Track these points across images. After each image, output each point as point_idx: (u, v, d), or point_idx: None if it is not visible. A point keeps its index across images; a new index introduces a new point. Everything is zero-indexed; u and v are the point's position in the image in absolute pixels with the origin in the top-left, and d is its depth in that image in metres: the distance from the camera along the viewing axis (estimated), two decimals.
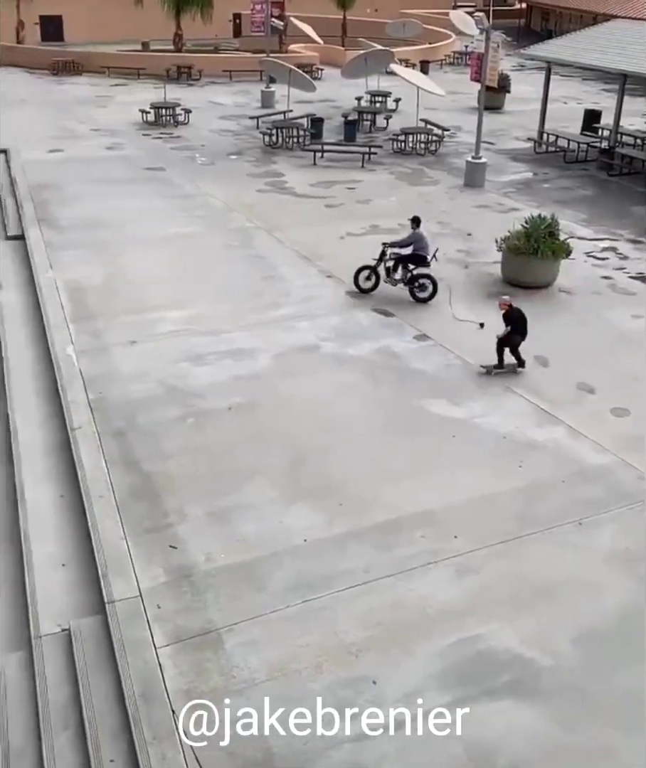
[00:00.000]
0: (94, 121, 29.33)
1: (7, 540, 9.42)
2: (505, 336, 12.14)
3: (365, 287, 15.25)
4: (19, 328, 14.21)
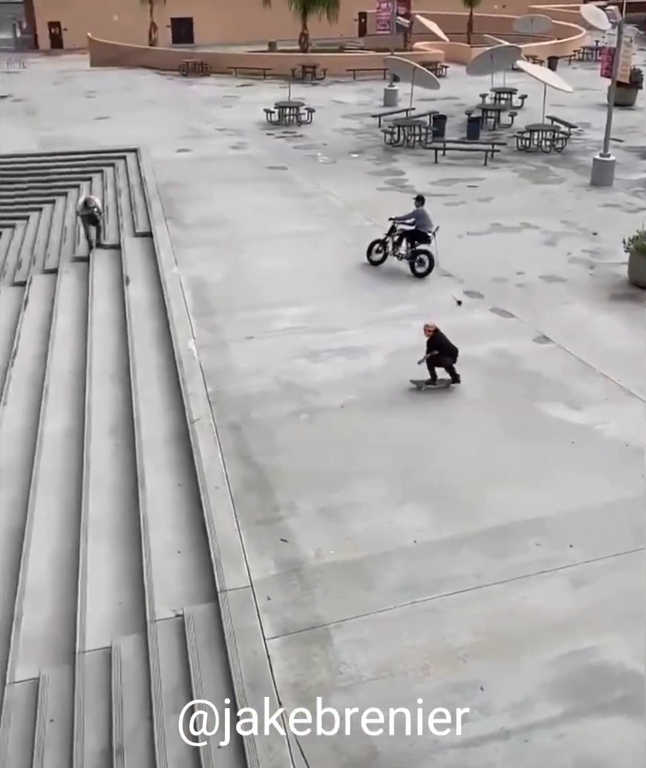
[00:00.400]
0: (220, 121, 30.02)
1: (127, 526, 9.77)
2: (434, 358, 11.94)
3: (375, 259, 16.42)
4: (145, 322, 14.71)
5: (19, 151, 24.68)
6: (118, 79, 38.86)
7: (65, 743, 7.20)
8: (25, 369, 13.97)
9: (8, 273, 18.47)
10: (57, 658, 8.16)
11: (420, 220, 15.94)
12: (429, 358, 11.97)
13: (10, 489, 10.91)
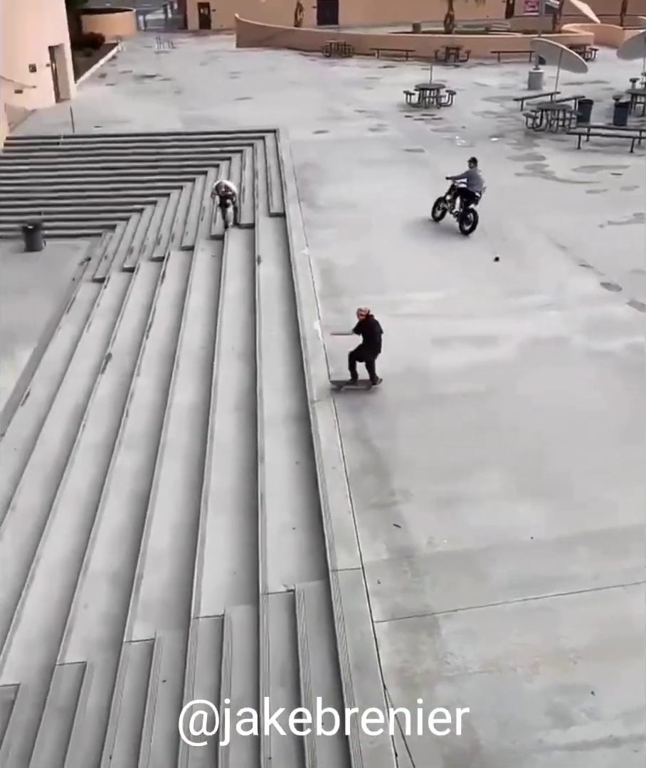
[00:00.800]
0: (359, 102, 29.93)
1: (245, 499, 10.00)
2: (356, 351, 11.40)
3: (436, 216, 17.90)
4: (273, 301, 14.92)
5: (164, 130, 25.40)
6: (262, 59, 39.33)
7: (175, 703, 7.47)
8: (159, 342, 14.45)
9: (148, 248, 19.10)
10: (172, 621, 8.46)
11: (471, 180, 16.99)
12: (352, 352, 11.46)
13: (138, 456, 11.35)
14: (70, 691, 7.82)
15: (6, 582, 9.38)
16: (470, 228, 17.04)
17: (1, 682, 8.03)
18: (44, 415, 12.84)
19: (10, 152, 23.95)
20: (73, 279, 18.64)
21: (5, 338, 15.76)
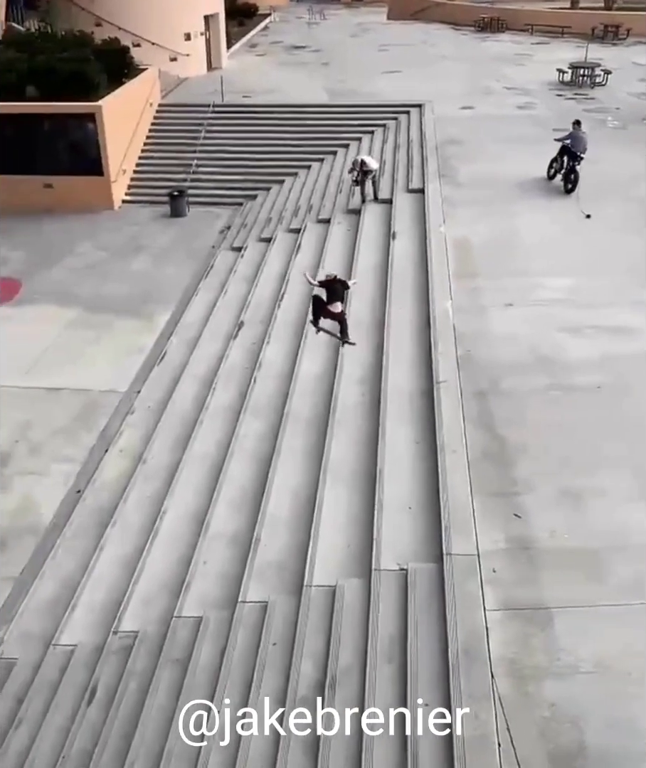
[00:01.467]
0: (509, 79, 29.04)
1: (363, 473, 10.04)
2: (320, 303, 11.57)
3: (550, 174, 18.73)
4: (405, 278, 14.79)
5: (309, 102, 25.43)
6: (412, 33, 38.69)
7: (283, 667, 7.65)
8: (290, 312, 14.62)
9: (285, 219, 19.28)
10: (284, 586, 8.64)
11: (573, 141, 17.96)
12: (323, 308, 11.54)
13: (262, 422, 11.58)
14: (185, 643, 8.13)
15: (133, 533, 9.81)
16: (572, 187, 17.79)
17: (122, 629, 8.43)
18: (177, 376, 13.27)
19: (161, 119, 24.56)
20: (213, 246, 19.05)
21: (146, 300, 16.34)
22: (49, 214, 20.79)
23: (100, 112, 21.13)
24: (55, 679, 8.03)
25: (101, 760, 7.12)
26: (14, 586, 9.38)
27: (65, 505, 10.67)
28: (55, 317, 15.66)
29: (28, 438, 12.09)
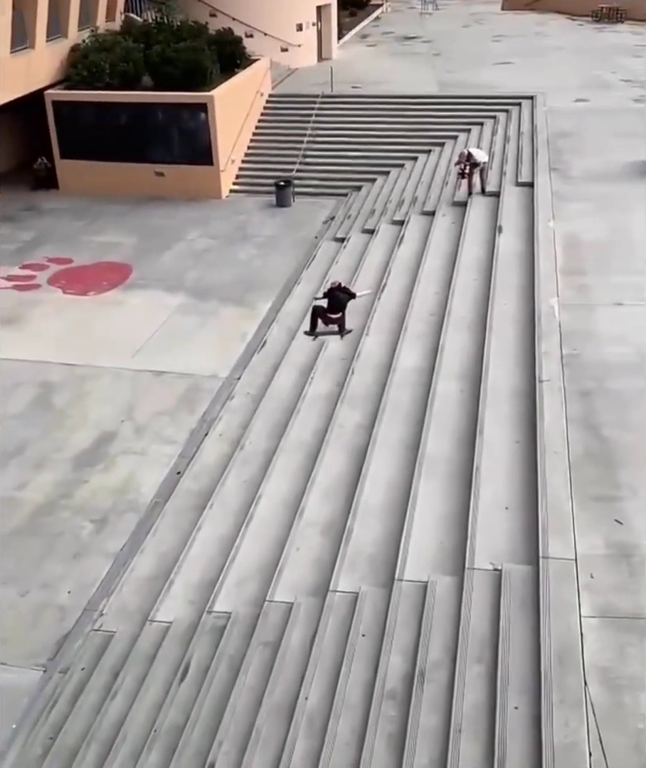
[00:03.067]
0: (626, 70, 28.05)
1: (459, 470, 9.94)
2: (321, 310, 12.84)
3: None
4: (510, 273, 14.53)
5: (419, 93, 25.20)
6: (526, 23, 37.81)
7: (372, 658, 7.67)
8: (390, 305, 14.58)
9: (389, 211, 19.21)
10: (376, 578, 8.65)
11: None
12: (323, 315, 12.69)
13: (359, 412, 11.60)
14: (276, 627, 8.24)
15: (229, 515, 10.01)
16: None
17: (216, 609, 8.61)
18: (277, 364, 13.43)
19: (270, 109, 24.78)
20: (316, 237, 19.16)
21: (249, 288, 16.58)
22: (159, 201, 21.30)
23: (211, 102, 21.48)
24: (150, 654, 8.27)
25: (192, 736, 7.30)
26: (115, 561, 9.70)
27: (165, 485, 10.96)
28: (162, 302, 16.06)
29: (134, 418, 12.46)
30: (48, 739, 7.55)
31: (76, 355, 14.11)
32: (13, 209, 20.97)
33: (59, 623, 8.88)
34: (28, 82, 21.16)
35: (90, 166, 22.05)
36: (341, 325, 12.58)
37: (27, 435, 12.08)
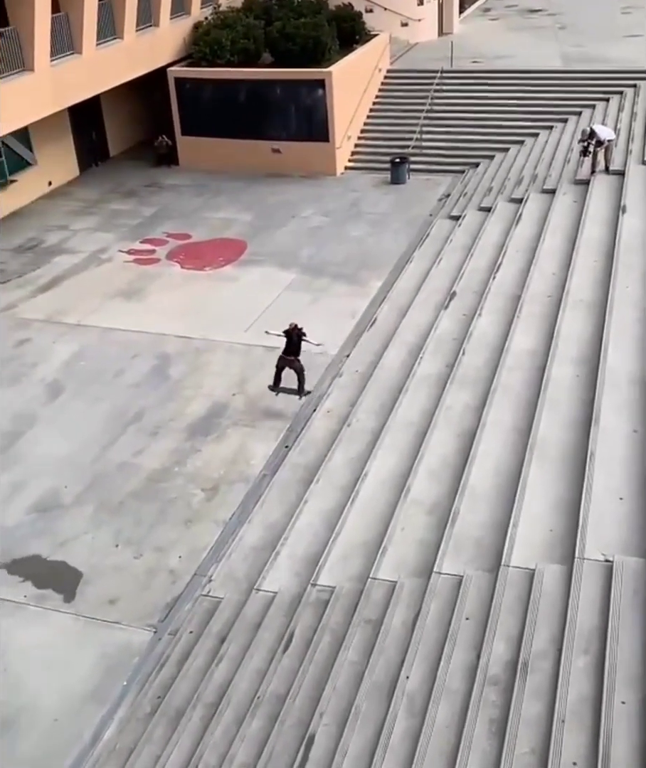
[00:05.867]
0: None
1: (572, 456, 9.67)
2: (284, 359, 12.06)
3: None
4: (633, 256, 13.95)
5: (542, 67, 24.34)
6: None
7: (475, 642, 7.60)
8: (505, 285, 14.24)
9: (507, 188, 18.69)
10: (481, 562, 8.55)
11: None
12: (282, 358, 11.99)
13: (469, 394, 11.43)
14: (379, 605, 8.27)
15: (335, 491, 10.08)
16: None
17: (320, 582, 8.71)
18: (386, 342, 13.36)
19: (388, 85, 24.44)
20: (430, 214, 18.86)
21: (361, 266, 16.52)
22: (275, 178, 21.43)
23: (329, 78, 21.36)
24: (255, 623, 8.45)
25: (294, 705, 7.43)
26: (224, 529, 9.94)
27: (274, 458, 11.13)
28: (275, 279, 16.21)
29: (245, 392, 12.67)
30: (156, 698, 7.84)
31: (192, 329, 14.43)
32: (135, 185, 21.53)
33: (170, 586, 9.19)
34: (152, 60, 21.58)
35: (209, 142, 22.35)
36: (300, 375, 12.29)
37: (144, 403, 12.48)
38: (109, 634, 8.63)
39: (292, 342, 12.24)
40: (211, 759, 7.12)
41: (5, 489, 10.78)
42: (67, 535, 10.01)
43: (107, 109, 23.15)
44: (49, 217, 19.63)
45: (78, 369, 13.45)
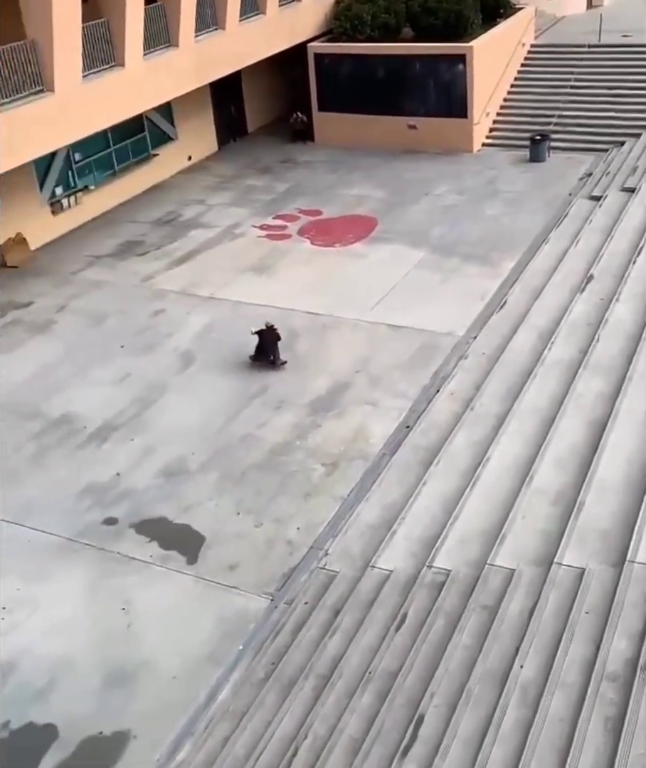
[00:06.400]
0: None
1: None
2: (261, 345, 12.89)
3: None
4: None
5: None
6: None
7: (594, 637, 7.39)
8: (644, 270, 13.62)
9: None
10: (605, 557, 8.27)
11: None
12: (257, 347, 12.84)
13: (602, 381, 11.04)
14: (496, 592, 8.14)
15: (455, 474, 9.95)
16: None
17: (436, 564, 8.65)
18: (516, 325, 13.02)
19: (531, 60, 23.59)
20: (570, 194, 18.13)
21: (494, 246, 16.12)
22: (410, 155, 21.15)
23: (470, 53, 20.79)
24: (369, 599, 8.47)
25: (405, 683, 7.44)
26: (342, 505, 9.99)
27: (394, 438, 11.07)
28: (404, 257, 16.03)
29: (368, 370, 12.64)
30: (270, 664, 8.01)
31: (319, 305, 14.49)
32: (271, 161, 21.74)
33: (287, 557, 9.34)
34: (293, 35, 21.60)
35: (345, 118, 22.24)
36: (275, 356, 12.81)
37: (269, 377, 12.66)
38: (227, 599, 8.87)
39: (263, 343, 12.82)
40: (321, 729, 7.23)
41: (137, 453, 11.21)
42: (191, 500, 10.33)
43: (247, 85, 23.41)
44: (187, 192, 20.10)
45: (209, 340, 13.78)
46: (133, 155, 19.98)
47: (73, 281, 16.03)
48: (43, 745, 7.56)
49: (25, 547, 9.75)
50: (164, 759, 7.34)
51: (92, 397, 12.44)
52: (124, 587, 9.13)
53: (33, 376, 13.05)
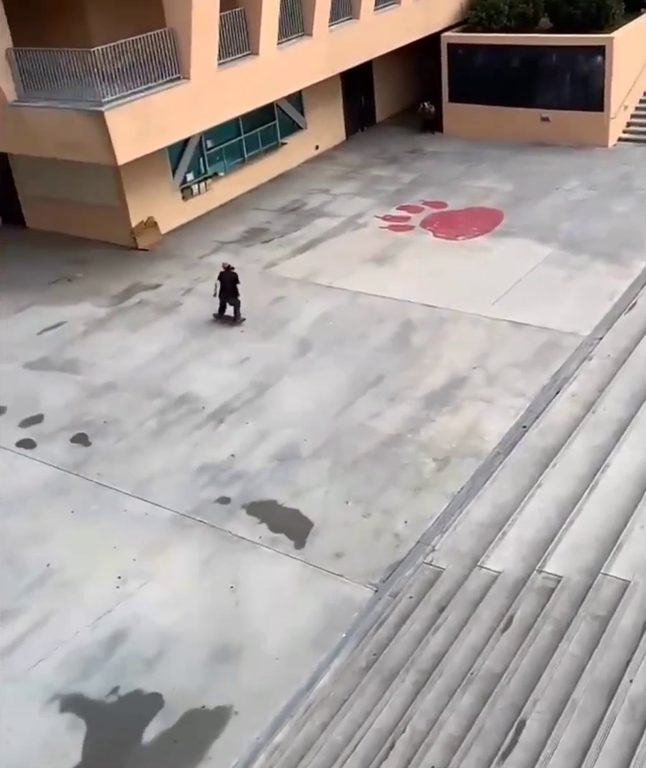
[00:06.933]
0: None
1: None
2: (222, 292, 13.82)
3: None
4: None
5: None
6: None
7: None
8: None
9: None
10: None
11: None
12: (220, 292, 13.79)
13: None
14: (608, 603, 7.92)
15: (572, 478, 9.70)
16: None
17: (547, 569, 8.47)
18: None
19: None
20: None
21: (625, 244, 15.56)
22: (540, 147, 20.63)
23: (611, 44, 20.04)
24: (475, 599, 8.38)
25: (508, 687, 7.33)
26: (452, 501, 9.90)
27: (509, 437, 10.87)
28: (530, 252, 15.66)
29: (486, 367, 12.45)
30: (372, 655, 8.04)
31: (438, 298, 14.35)
32: (398, 151, 21.62)
33: (394, 549, 9.33)
34: (427, 25, 21.35)
35: (476, 109, 21.86)
36: (237, 313, 13.69)
37: (385, 368, 12.64)
38: (333, 586, 8.95)
39: (225, 287, 13.63)
40: (420, 724, 7.22)
41: (252, 436, 11.43)
42: (302, 485, 10.45)
43: (378, 75, 23.33)
44: (313, 181, 20.24)
45: (326, 329, 13.87)
46: (263, 143, 20.26)
47: (200, 265, 16.44)
48: (148, 713, 7.83)
49: (143, 519, 10.12)
50: (264, 739, 7.47)
51: (212, 378, 12.77)
52: (233, 566, 9.36)
53: (158, 356, 13.50)
